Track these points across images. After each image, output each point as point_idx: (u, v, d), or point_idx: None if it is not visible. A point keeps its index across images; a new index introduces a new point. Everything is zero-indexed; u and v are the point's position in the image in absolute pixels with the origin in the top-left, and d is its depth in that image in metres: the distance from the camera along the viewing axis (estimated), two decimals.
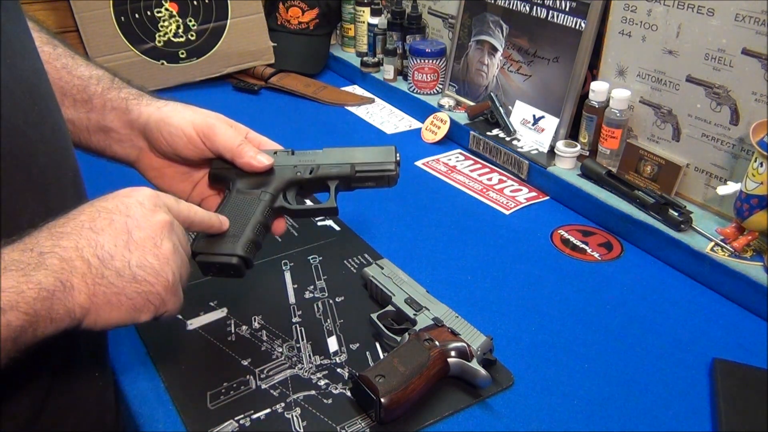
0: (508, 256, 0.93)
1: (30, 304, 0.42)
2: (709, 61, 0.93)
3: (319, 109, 1.47)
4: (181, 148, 0.66)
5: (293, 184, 0.70)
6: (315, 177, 0.70)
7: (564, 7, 1.13)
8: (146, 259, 0.50)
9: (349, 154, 0.71)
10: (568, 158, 1.09)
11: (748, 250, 0.87)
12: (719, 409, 0.66)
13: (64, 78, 0.66)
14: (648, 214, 0.96)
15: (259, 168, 0.67)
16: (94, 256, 0.47)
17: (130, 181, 1.06)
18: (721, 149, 0.95)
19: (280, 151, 0.72)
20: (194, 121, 0.66)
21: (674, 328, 0.80)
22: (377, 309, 0.77)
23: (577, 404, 0.68)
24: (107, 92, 0.67)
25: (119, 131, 0.68)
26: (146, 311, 0.50)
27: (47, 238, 0.46)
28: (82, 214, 0.49)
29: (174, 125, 0.65)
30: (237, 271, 0.64)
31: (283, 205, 0.69)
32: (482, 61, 1.32)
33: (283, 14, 1.63)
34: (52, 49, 0.67)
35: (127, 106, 0.67)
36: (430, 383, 0.66)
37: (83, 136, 0.68)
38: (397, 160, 0.71)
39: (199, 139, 0.66)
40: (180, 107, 0.67)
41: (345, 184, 0.71)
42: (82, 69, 0.67)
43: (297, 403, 0.66)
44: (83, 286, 0.46)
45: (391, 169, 0.70)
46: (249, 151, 0.67)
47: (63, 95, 0.66)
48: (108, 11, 1.44)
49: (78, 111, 0.67)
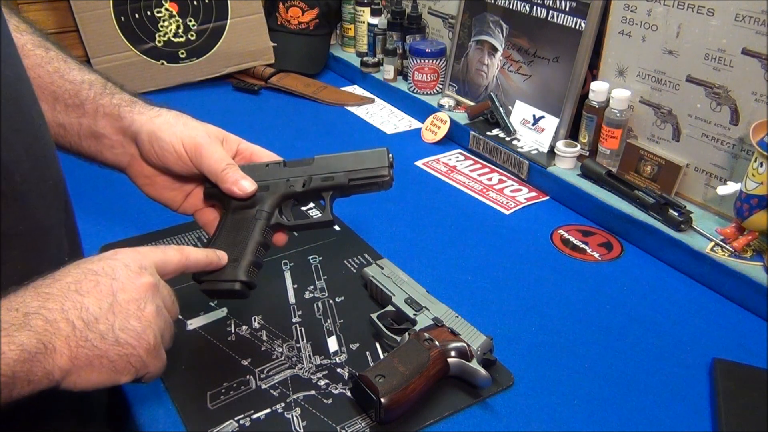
0: (508, 256, 0.93)
1: (9, 365, 0.42)
2: (709, 61, 0.93)
3: (319, 109, 1.47)
4: (171, 163, 0.65)
5: (287, 198, 0.69)
6: (308, 189, 0.69)
7: (564, 7, 1.13)
8: (129, 323, 0.50)
9: (342, 162, 0.70)
10: (568, 158, 1.09)
11: (748, 250, 0.87)
12: (719, 409, 0.66)
13: (56, 82, 0.65)
14: (648, 214, 0.96)
15: (240, 196, 0.66)
16: (79, 318, 0.47)
17: (115, 189, 1.06)
18: (721, 149, 0.95)
19: (272, 164, 0.70)
20: (183, 138, 0.65)
21: (674, 328, 0.80)
22: (377, 309, 0.77)
23: (577, 404, 0.68)
24: (99, 98, 0.66)
25: (111, 137, 0.67)
26: (127, 373, 0.51)
27: (33, 298, 0.46)
28: (69, 275, 0.49)
29: (165, 140, 0.64)
30: (241, 296, 0.65)
31: (279, 221, 0.69)
32: (482, 61, 1.32)
33: (283, 14, 1.63)
34: (44, 53, 0.66)
35: (120, 112, 0.66)
36: (430, 383, 0.66)
37: (74, 141, 0.67)
38: (389, 162, 0.69)
39: (188, 156, 0.65)
40: (172, 119, 0.66)
41: (339, 193, 0.70)
42: (74, 73, 0.66)
43: (297, 403, 0.66)
44: (66, 348, 0.46)
45: (385, 175, 0.68)
46: (232, 177, 0.65)
47: (55, 100, 0.65)
48: (108, 11, 1.44)
49: (69, 116, 0.66)
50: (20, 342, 0.43)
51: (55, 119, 0.66)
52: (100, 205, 1.03)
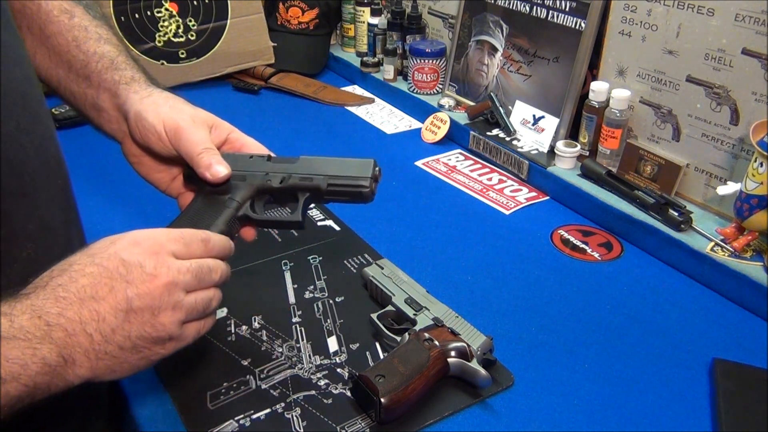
0: (508, 256, 0.93)
1: (32, 377, 0.44)
2: (709, 61, 0.93)
3: (319, 109, 1.47)
4: (153, 144, 0.65)
5: (262, 192, 0.67)
6: (285, 186, 0.67)
7: (564, 7, 1.13)
8: (145, 330, 0.51)
9: (325, 166, 0.67)
10: (568, 158, 1.09)
11: (748, 250, 0.87)
12: (719, 409, 0.66)
13: (71, 51, 0.67)
14: (648, 214, 0.96)
15: (210, 180, 0.64)
16: (97, 331, 0.48)
17: (119, 194, 1.06)
18: (721, 149, 0.95)
19: (257, 156, 0.68)
20: (165, 120, 0.64)
21: (674, 328, 0.80)
22: (377, 309, 0.77)
23: (577, 404, 0.68)
24: (104, 72, 0.67)
25: (109, 112, 0.68)
26: (149, 365, 0.53)
27: (53, 303, 0.47)
28: (83, 275, 0.49)
29: (148, 121, 0.64)
30: None
31: (247, 213, 0.66)
32: (482, 61, 1.32)
33: (283, 14, 1.63)
34: (67, 20, 0.67)
35: (117, 90, 0.66)
36: (430, 383, 0.66)
37: (82, 108, 0.69)
38: (374, 175, 0.66)
39: (167, 138, 0.65)
40: (161, 101, 0.66)
41: (316, 197, 0.67)
42: (90, 44, 0.67)
43: (297, 403, 0.66)
44: (86, 361, 0.48)
45: (365, 186, 0.65)
46: (206, 160, 0.64)
47: (69, 68, 0.67)
48: (108, 11, 1.44)
49: (80, 86, 0.67)
50: (42, 356, 0.45)
51: (68, 86, 0.68)
52: (101, 204, 1.03)
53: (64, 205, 0.58)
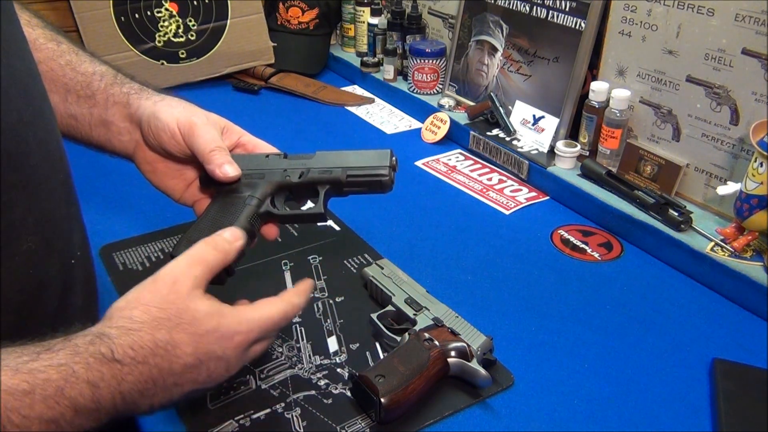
0: (508, 256, 0.93)
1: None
2: (709, 61, 0.93)
3: (319, 109, 1.47)
4: (166, 142, 0.66)
5: (282, 189, 0.68)
6: (304, 181, 0.67)
7: (564, 7, 1.13)
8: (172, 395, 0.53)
9: (342, 159, 0.68)
10: (568, 158, 1.09)
11: (748, 250, 0.87)
12: (719, 409, 0.66)
13: (68, 74, 0.67)
14: (648, 214, 0.96)
15: (221, 178, 0.64)
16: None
17: (116, 189, 1.06)
18: (721, 149, 0.95)
19: (273, 155, 0.69)
20: (179, 117, 0.65)
21: (674, 328, 0.80)
22: (377, 309, 0.77)
23: (577, 404, 0.68)
24: (110, 88, 0.68)
25: (119, 125, 0.68)
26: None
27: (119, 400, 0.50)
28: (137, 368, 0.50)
29: (162, 120, 0.65)
30: (217, 281, 0.63)
31: (269, 210, 0.66)
32: (482, 61, 1.32)
33: (283, 14, 1.63)
34: (56, 46, 0.67)
35: (128, 100, 0.67)
36: (430, 383, 0.66)
37: (85, 131, 0.69)
38: (392, 164, 0.67)
39: (180, 135, 0.65)
40: (174, 102, 0.67)
41: (336, 189, 0.68)
42: (86, 65, 0.68)
43: (297, 403, 0.66)
44: None
45: (384, 174, 0.66)
46: (217, 159, 0.64)
47: (67, 92, 0.66)
48: (108, 11, 1.44)
49: (81, 107, 0.67)
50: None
51: (66, 111, 0.67)
52: (100, 205, 1.03)
53: (65, 199, 0.58)
